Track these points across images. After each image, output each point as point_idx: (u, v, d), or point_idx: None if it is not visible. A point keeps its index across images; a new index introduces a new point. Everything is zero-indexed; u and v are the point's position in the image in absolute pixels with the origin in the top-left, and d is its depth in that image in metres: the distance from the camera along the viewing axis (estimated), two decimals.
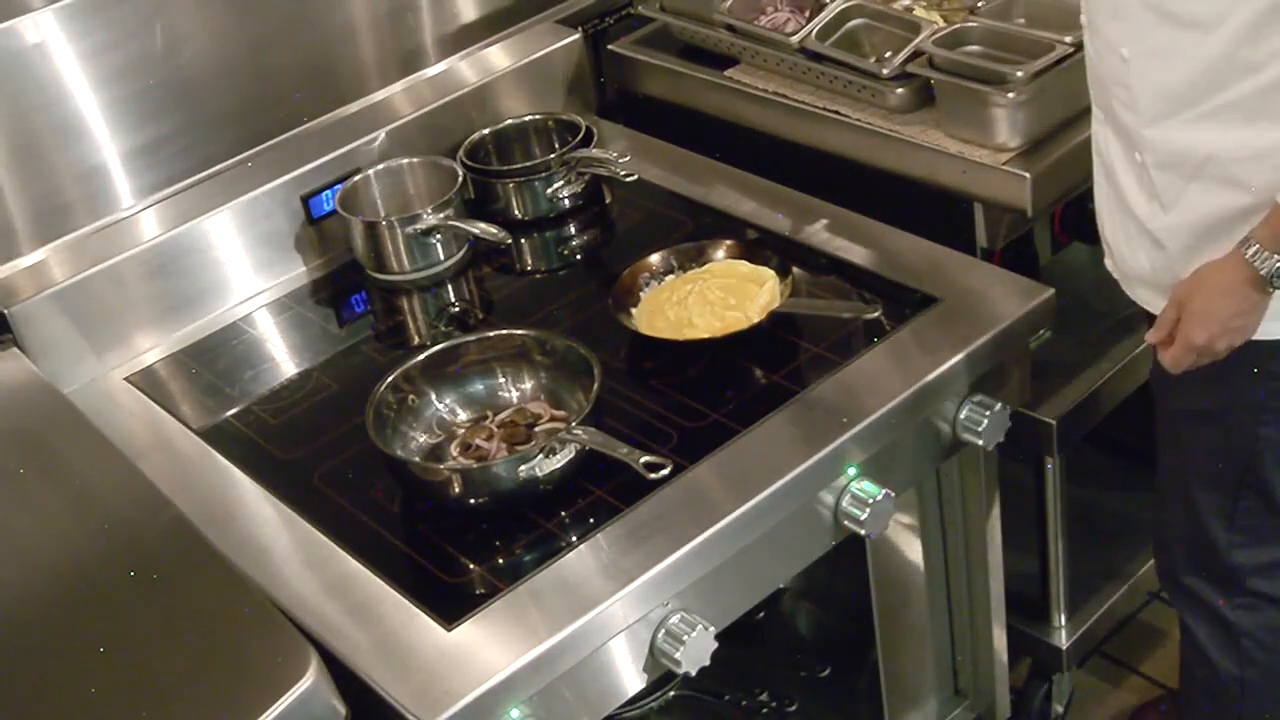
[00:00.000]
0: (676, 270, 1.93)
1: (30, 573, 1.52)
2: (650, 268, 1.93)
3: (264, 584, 1.55)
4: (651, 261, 1.93)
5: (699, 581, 1.57)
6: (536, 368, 1.78)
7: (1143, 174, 1.62)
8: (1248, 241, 1.53)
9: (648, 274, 1.93)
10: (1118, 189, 1.68)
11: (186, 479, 1.74)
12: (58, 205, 2.01)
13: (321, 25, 2.19)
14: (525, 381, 1.78)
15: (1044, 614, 2.24)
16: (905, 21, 2.07)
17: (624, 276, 1.92)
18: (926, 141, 1.98)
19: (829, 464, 1.64)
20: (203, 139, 2.11)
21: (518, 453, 1.62)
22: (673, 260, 1.94)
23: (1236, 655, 1.88)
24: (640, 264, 1.93)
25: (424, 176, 2.15)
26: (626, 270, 1.92)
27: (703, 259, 1.94)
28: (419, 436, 1.73)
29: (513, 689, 1.44)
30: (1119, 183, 1.67)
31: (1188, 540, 1.87)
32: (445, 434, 1.74)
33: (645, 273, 1.93)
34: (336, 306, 2.09)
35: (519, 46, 2.34)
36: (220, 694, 1.34)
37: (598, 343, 1.78)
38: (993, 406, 1.79)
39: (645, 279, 1.92)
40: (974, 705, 2.16)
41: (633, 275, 1.92)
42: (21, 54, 1.92)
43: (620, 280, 1.91)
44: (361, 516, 1.66)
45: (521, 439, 1.69)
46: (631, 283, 1.92)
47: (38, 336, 1.90)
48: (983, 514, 1.97)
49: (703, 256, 1.94)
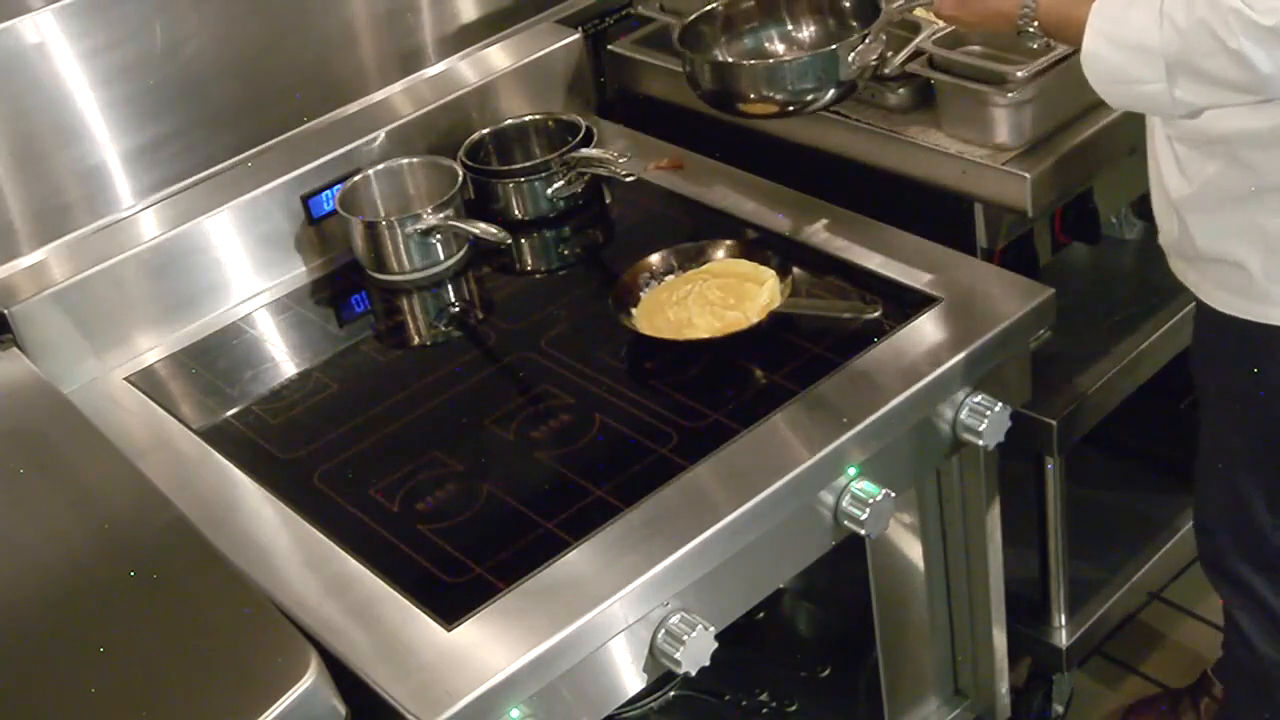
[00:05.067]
0: (676, 270, 1.93)
1: (30, 573, 1.52)
2: (650, 268, 1.93)
3: (264, 584, 1.55)
4: (651, 261, 1.93)
5: (699, 581, 1.57)
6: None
7: (1170, 148, 1.69)
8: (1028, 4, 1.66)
9: (648, 274, 1.93)
10: (1155, 162, 1.74)
11: (186, 479, 1.74)
12: (58, 205, 2.01)
13: (322, 25, 2.19)
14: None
15: (1044, 614, 2.24)
16: (904, 22, 2.06)
17: (624, 277, 1.92)
18: (926, 142, 1.98)
19: (829, 464, 1.64)
20: (203, 139, 2.11)
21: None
22: (673, 260, 1.94)
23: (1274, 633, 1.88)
24: (640, 264, 1.93)
25: (424, 176, 2.15)
26: (626, 270, 1.93)
27: (703, 259, 1.94)
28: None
29: (513, 689, 1.44)
30: (1156, 155, 1.73)
31: (1230, 525, 1.88)
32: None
33: (645, 273, 1.93)
34: (336, 306, 2.09)
35: (519, 46, 2.34)
36: (220, 694, 1.34)
37: (598, 343, 1.78)
38: (993, 406, 1.79)
39: (645, 279, 1.92)
40: (974, 705, 2.17)
41: (633, 275, 1.92)
42: (22, 54, 1.92)
43: (620, 280, 1.91)
44: (361, 516, 1.66)
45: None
46: (631, 283, 1.92)
47: (38, 336, 1.90)
48: (983, 514, 1.97)
49: (703, 256, 1.94)
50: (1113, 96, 1.62)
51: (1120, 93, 1.60)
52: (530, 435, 1.75)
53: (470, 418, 1.81)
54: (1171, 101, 1.54)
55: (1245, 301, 1.69)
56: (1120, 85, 1.58)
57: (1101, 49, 1.57)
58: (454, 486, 1.69)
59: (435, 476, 1.71)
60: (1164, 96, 1.54)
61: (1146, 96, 1.57)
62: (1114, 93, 1.61)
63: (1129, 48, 1.54)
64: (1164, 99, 1.55)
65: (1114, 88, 1.60)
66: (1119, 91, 1.60)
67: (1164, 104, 1.56)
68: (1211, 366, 1.82)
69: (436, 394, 1.85)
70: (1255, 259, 1.65)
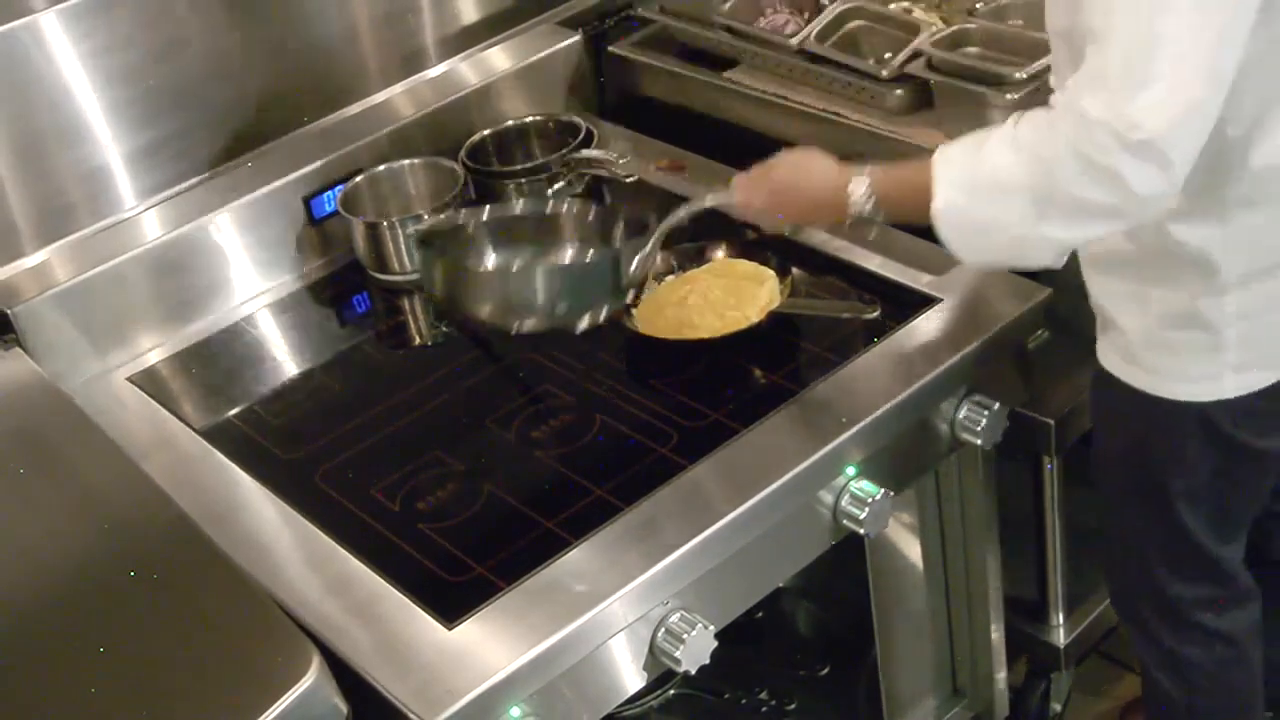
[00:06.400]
0: (676, 270, 1.94)
1: (31, 572, 1.52)
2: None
3: (265, 583, 1.55)
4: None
5: (699, 580, 1.57)
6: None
7: None
8: (861, 178, 1.57)
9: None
10: None
11: (188, 478, 1.74)
12: (60, 206, 2.02)
13: (323, 27, 2.20)
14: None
15: (1042, 613, 2.24)
16: (904, 23, 2.07)
17: None
18: (926, 142, 1.98)
19: (828, 463, 1.65)
20: (204, 140, 2.12)
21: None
22: (673, 260, 1.94)
23: (1184, 682, 1.88)
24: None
25: (425, 177, 2.16)
26: None
27: (703, 259, 1.94)
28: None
29: (513, 687, 1.44)
30: None
31: (1130, 572, 1.88)
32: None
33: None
34: (338, 307, 2.10)
35: (520, 48, 2.34)
36: (221, 693, 1.35)
37: (598, 343, 1.79)
38: (991, 406, 1.79)
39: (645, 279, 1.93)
40: (972, 704, 2.17)
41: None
42: (24, 55, 1.92)
43: None
44: (362, 515, 1.66)
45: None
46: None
47: (40, 336, 1.90)
48: (981, 514, 1.98)
49: (703, 256, 1.95)
50: (973, 251, 1.53)
51: (982, 245, 1.51)
52: (531, 435, 1.76)
53: (471, 417, 1.81)
54: (1039, 242, 1.46)
55: (1127, 365, 1.68)
56: (982, 236, 1.49)
57: (957, 199, 1.47)
58: (455, 486, 1.70)
59: (436, 476, 1.71)
60: (1031, 237, 1.45)
61: (1012, 243, 1.47)
62: (975, 246, 1.52)
63: (988, 190, 1.45)
64: (1031, 241, 1.46)
65: (975, 240, 1.50)
66: (980, 245, 1.51)
67: (1031, 249, 1.48)
68: (1101, 428, 1.79)
69: (437, 394, 1.85)
70: (1136, 325, 1.64)
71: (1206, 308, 1.58)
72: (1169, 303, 1.60)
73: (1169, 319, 1.61)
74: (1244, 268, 1.56)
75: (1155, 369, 1.65)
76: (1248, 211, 1.53)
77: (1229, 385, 1.62)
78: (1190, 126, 1.36)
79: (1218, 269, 1.55)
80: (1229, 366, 1.61)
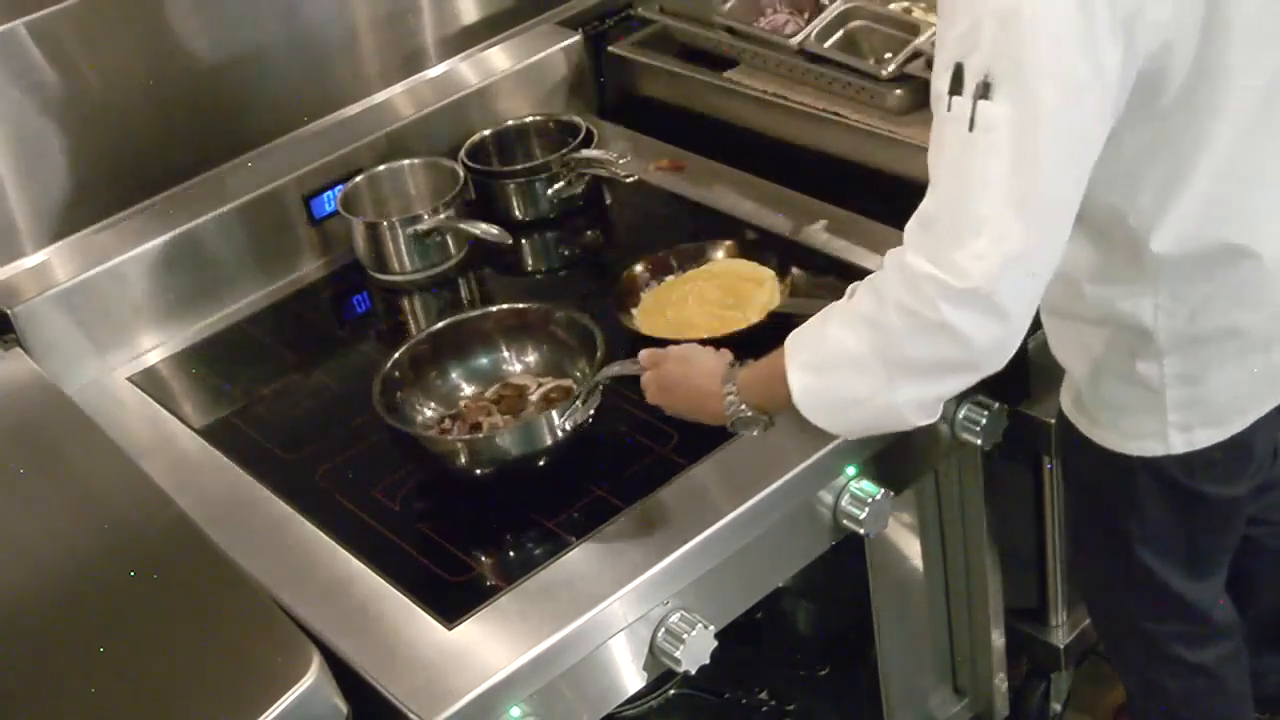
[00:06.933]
0: (676, 270, 1.94)
1: (31, 572, 1.52)
2: (650, 268, 1.94)
3: (265, 583, 1.55)
4: (652, 262, 1.94)
5: (699, 580, 1.57)
6: (540, 340, 1.80)
7: None
8: (730, 382, 1.52)
9: (648, 274, 1.93)
10: None
11: (188, 478, 1.74)
12: (60, 205, 2.01)
13: (323, 27, 2.20)
14: (529, 355, 1.81)
15: (1042, 613, 2.24)
16: (904, 23, 2.07)
17: (624, 277, 1.92)
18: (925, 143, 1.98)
19: (828, 463, 1.65)
20: (204, 139, 2.11)
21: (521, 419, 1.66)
22: (673, 260, 1.94)
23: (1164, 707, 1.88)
24: (640, 264, 1.93)
25: (425, 177, 2.16)
26: (627, 271, 1.93)
27: (703, 259, 1.95)
28: (425, 411, 1.76)
29: (513, 687, 1.44)
30: None
31: (1103, 606, 1.88)
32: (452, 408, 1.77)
33: (645, 273, 1.93)
34: (338, 307, 2.10)
35: (519, 48, 2.34)
36: (222, 693, 1.35)
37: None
38: (991, 406, 1.79)
39: (645, 279, 1.93)
40: (972, 704, 2.17)
41: (633, 275, 1.93)
42: (26, 54, 1.92)
43: (621, 280, 1.92)
44: (363, 515, 1.67)
45: (519, 409, 1.72)
46: (632, 283, 1.92)
47: (40, 336, 1.90)
48: (981, 513, 1.98)
49: (703, 256, 1.95)
50: (845, 426, 1.47)
51: (851, 420, 1.44)
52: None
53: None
54: (903, 407, 1.39)
55: (1079, 413, 1.67)
56: (845, 412, 1.43)
57: (811, 382, 1.42)
58: (454, 486, 1.70)
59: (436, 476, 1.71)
60: (895, 403, 1.38)
61: (879, 411, 1.40)
62: (843, 422, 1.45)
63: (838, 366, 1.40)
64: (896, 407, 1.39)
65: (841, 417, 1.44)
66: (849, 419, 1.44)
67: (897, 414, 1.40)
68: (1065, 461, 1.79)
69: None
70: (1085, 376, 1.63)
71: (1145, 370, 1.55)
72: (1111, 362, 1.58)
73: (1113, 376, 1.59)
74: (1179, 332, 1.52)
75: (1103, 422, 1.64)
76: (1172, 283, 1.50)
77: (1177, 442, 1.59)
78: (1013, 277, 1.29)
79: (1152, 334, 1.53)
80: (1174, 426, 1.58)
